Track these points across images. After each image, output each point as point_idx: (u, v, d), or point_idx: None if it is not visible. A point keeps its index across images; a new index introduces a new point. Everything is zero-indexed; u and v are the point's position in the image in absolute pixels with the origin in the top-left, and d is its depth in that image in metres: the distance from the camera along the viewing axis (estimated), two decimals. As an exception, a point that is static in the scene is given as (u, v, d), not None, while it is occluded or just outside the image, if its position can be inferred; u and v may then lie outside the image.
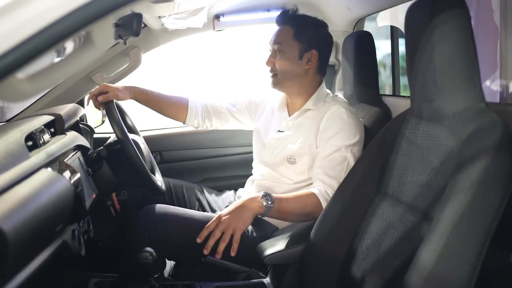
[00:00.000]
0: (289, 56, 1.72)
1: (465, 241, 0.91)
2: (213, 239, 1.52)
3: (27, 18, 0.67)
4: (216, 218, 1.55)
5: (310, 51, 1.73)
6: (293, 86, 1.78)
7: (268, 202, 1.55)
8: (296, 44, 1.72)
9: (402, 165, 1.23)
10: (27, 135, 1.20)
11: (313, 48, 1.73)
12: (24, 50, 0.66)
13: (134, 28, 1.25)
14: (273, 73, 1.76)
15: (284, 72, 1.74)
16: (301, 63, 1.73)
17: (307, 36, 1.72)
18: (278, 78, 1.76)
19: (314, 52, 1.73)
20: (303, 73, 1.75)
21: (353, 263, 1.28)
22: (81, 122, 1.90)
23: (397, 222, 1.19)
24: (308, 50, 1.73)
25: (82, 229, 1.38)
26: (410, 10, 1.15)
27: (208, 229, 1.54)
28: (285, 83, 1.77)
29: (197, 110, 1.98)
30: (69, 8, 0.68)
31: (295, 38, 1.72)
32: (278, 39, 1.74)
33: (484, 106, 1.04)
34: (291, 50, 1.72)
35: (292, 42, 1.72)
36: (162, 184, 1.84)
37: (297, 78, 1.75)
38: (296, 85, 1.77)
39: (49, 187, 1.03)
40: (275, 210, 1.57)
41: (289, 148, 1.74)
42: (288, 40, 1.73)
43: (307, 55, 1.73)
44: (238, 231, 1.53)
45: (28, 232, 0.87)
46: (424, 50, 1.09)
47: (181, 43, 2.36)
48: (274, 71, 1.76)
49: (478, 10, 1.89)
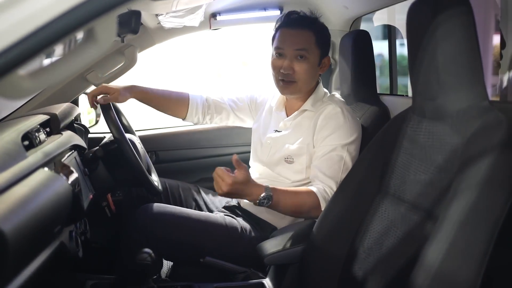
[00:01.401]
0: (312, 62, 1.69)
1: (472, 239, 0.90)
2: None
3: (28, 13, 0.65)
4: (232, 179, 1.41)
5: (326, 57, 1.74)
6: (305, 91, 1.75)
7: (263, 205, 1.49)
8: (318, 51, 1.70)
9: (404, 163, 1.22)
10: (23, 135, 1.18)
11: (327, 54, 1.74)
12: (25, 46, 0.64)
13: (133, 26, 1.23)
14: (289, 79, 1.69)
15: (305, 79, 1.69)
16: (318, 69, 1.73)
17: (325, 43, 1.73)
18: (297, 85, 1.70)
19: (327, 58, 1.75)
20: (315, 79, 1.75)
21: (354, 263, 1.28)
22: (76, 122, 1.88)
23: (400, 221, 1.18)
24: (324, 57, 1.73)
25: (79, 230, 1.37)
26: (412, 8, 1.14)
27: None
28: (302, 90, 1.73)
29: (198, 106, 1.94)
30: (72, 4, 0.67)
31: (317, 44, 1.69)
32: (302, 45, 1.67)
33: (488, 104, 1.03)
34: (314, 56, 1.69)
35: (315, 49, 1.69)
36: (158, 184, 1.82)
37: (311, 84, 1.74)
38: (307, 90, 1.76)
39: (47, 187, 1.01)
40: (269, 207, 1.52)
41: (286, 148, 1.73)
42: (311, 46, 1.68)
43: (324, 61, 1.74)
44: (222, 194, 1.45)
45: (27, 233, 0.85)
46: (426, 48, 1.08)
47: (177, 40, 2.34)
48: (292, 78, 1.68)
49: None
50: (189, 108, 1.93)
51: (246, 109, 1.99)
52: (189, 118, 1.96)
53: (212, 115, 1.97)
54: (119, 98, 1.73)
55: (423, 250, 0.97)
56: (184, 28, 2.05)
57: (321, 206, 1.55)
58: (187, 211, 1.68)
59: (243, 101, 1.99)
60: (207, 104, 1.96)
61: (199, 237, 1.61)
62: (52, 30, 0.66)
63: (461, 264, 0.89)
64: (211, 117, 1.98)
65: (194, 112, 1.94)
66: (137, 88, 1.83)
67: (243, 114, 2.00)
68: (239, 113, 1.99)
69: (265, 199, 1.47)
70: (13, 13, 0.64)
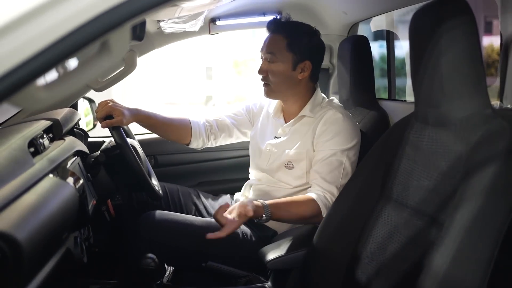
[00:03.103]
0: (282, 66, 1.69)
1: (478, 245, 0.92)
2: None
3: (48, 25, 0.65)
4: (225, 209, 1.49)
5: (303, 62, 1.69)
6: (287, 95, 1.76)
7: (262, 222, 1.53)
8: (290, 55, 1.68)
9: (406, 169, 1.24)
10: (29, 141, 1.18)
11: (306, 59, 1.70)
12: (45, 58, 0.65)
13: (138, 33, 1.24)
14: (265, 82, 1.73)
15: (277, 82, 1.70)
16: (295, 73, 1.70)
17: (301, 47, 1.68)
18: (271, 88, 1.72)
19: (307, 63, 1.70)
20: (296, 83, 1.72)
21: (358, 268, 1.29)
22: (75, 126, 1.88)
23: (403, 226, 1.20)
24: (301, 61, 1.69)
25: (83, 236, 1.37)
26: (416, 16, 1.15)
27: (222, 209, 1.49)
28: (278, 93, 1.75)
29: (200, 129, 1.92)
30: (89, 16, 0.67)
31: (288, 48, 1.68)
32: (271, 49, 1.70)
33: (491, 112, 1.05)
34: (284, 60, 1.68)
35: (286, 53, 1.68)
36: (159, 189, 1.83)
37: (290, 88, 1.73)
38: (289, 94, 1.75)
39: (55, 194, 1.02)
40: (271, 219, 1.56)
41: (286, 154, 1.73)
42: (281, 51, 1.68)
43: (300, 66, 1.69)
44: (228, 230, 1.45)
45: (39, 240, 0.86)
46: (430, 56, 1.10)
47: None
48: (267, 80, 1.72)
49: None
50: (193, 133, 1.90)
51: (246, 121, 1.97)
52: (194, 143, 1.93)
53: (216, 134, 1.94)
54: (124, 122, 1.70)
55: (429, 256, 0.98)
56: (183, 33, 2.06)
57: (322, 213, 1.56)
58: (189, 217, 1.68)
59: (241, 114, 1.97)
60: (209, 124, 1.93)
61: (201, 243, 1.61)
62: (71, 41, 0.67)
63: (467, 270, 0.91)
64: (215, 136, 1.95)
65: (198, 136, 1.91)
66: (141, 113, 1.80)
67: (244, 127, 1.98)
68: (241, 128, 1.97)
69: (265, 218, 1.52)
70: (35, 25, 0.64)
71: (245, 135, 2.00)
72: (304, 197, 1.62)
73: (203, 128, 1.93)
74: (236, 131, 1.97)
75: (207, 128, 1.93)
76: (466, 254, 0.92)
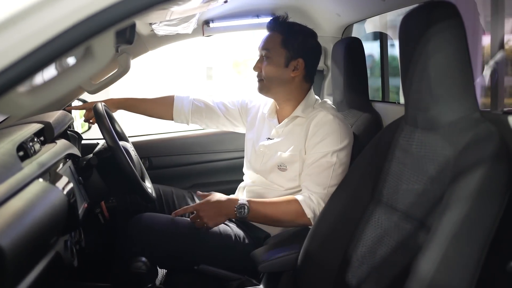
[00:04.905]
0: (275, 62, 1.72)
1: (464, 250, 0.92)
2: (184, 212, 1.61)
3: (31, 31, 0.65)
4: (196, 206, 1.59)
5: (296, 60, 1.72)
6: (279, 92, 1.77)
7: (242, 214, 1.56)
8: (283, 51, 1.72)
9: (396, 173, 1.24)
10: (18, 145, 1.17)
11: (299, 56, 1.72)
12: (26, 64, 0.65)
13: (128, 36, 1.23)
14: (259, 78, 1.77)
15: (270, 78, 1.73)
16: (287, 70, 1.72)
17: (295, 45, 1.72)
18: (264, 84, 1.76)
19: (300, 61, 1.72)
20: (288, 80, 1.74)
21: (348, 271, 1.29)
22: (69, 129, 1.87)
23: (393, 230, 1.20)
24: (294, 58, 1.72)
25: (74, 239, 1.36)
26: (405, 19, 1.15)
27: (185, 211, 1.61)
28: (270, 89, 1.77)
29: (183, 105, 1.98)
30: (73, 21, 0.67)
31: (282, 45, 1.72)
32: (266, 45, 1.75)
33: (479, 116, 1.05)
34: (277, 57, 1.72)
35: (280, 49, 1.72)
36: (152, 191, 1.82)
37: (283, 84, 1.75)
38: (281, 92, 1.76)
39: (43, 199, 1.02)
40: (250, 218, 1.59)
41: (279, 156, 1.73)
42: (275, 47, 1.72)
43: (293, 63, 1.72)
44: (208, 227, 1.58)
45: (25, 246, 0.86)
46: (419, 60, 1.10)
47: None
48: (261, 77, 1.76)
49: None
50: (174, 107, 1.98)
51: (236, 114, 2.01)
52: (176, 118, 2.01)
53: (200, 115, 2.00)
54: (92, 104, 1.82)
55: (416, 261, 0.98)
56: (177, 35, 2.06)
57: (306, 214, 1.56)
58: (181, 219, 1.68)
59: (235, 105, 2.01)
60: (195, 105, 1.99)
61: (193, 245, 1.62)
62: (52, 48, 0.67)
63: (454, 275, 0.91)
64: (200, 116, 2.00)
65: (180, 112, 1.99)
66: (119, 99, 1.94)
67: (233, 118, 2.01)
68: (229, 117, 2.01)
69: (241, 208, 1.55)
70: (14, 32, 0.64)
71: (233, 124, 2.04)
72: (287, 197, 1.64)
73: (188, 104, 1.99)
74: (223, 119, 2.02)
75: (193, 108, 1.99)
76: (453, 258, 0.92)
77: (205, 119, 2.01)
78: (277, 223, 1.64)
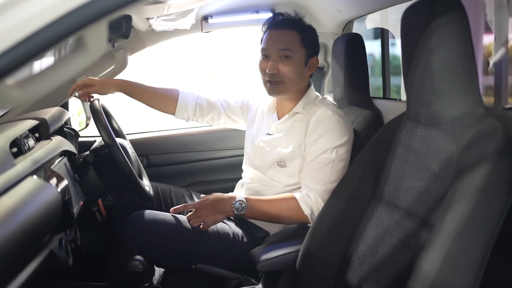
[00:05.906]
0: (297, 62, 1.67)
1: (468, 248, 0.89)
2: (184, 209, 1.61)
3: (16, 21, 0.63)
4: (196, 203, 1.60)
5: (313, 58, 1.71)
6: (294, 92, 1.74)
7: (239, 211, 1.57)
8: (304, 50, 1.68)
9: (398, 170, 1.21)
10: (12, 142, 1.15)
11: (314, 54, 1.72)
12: (14, 55, 0.63)
13: (124, 30, 1.21)
14: (275, 79, 1.68)
15: (291, 79, 1.67)
16: (305, 70, 1.70)
17: (311, 43, 1.70)
18: (284, 85, 1.68)
19: (315, 59, 1.72)
20: (304, 79, 1.72)
21: (349, 270, 1.27)
22: (65, 125, 1.85)
23: (394, 228, 1.17)
24: (311, 57, 1.70)
25: (69, 237, 1.34)
26: (407, 13, 1.13)
27: (185, 208, 1.61)
28: (289, 90, 1.71)
29: (187, 103, 1.92)
30: (62, 11, 0.65)
31: (302, 44, 1.67)
32: (286, 44, 1.67)
33: (483, 111, 1.02)
34: (299, 56, 1.67)
35: (300, 49, 1.67)
36: (150, 189, 1.80)
37: (299, 84, 1.72)
38: (295, 91, 1.74)
39: (36, 197, 0.99)
40: (247, 215, 1.60)
41: (279, 151, 1.71)
42: (296, 46, 1.67)
43: (310, 62, 1.70)
44: (206, 225, 1.58)
45: (16, 245, 0.83)
46: (421, 54, 1.07)
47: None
48: (277, 78, 1.68)
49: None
50: (178, 104, 1.92)
51: (238, 110, 1.97)
52: (178, 114, 1.95)
53: (203, 112, 1.95)
54: (100, 90, 1.75)
55: (418, 259, 0.96)
56: (175, 31, 2.03)
57: (303, 211, 1.55)
58: (179, 217, 1.66)
59: (236, 102, 1.97)
60: (199, 102, 1.94)
61: (191, 243, 1.59)
62: (41, 38, 0.64)
63: (457, 274, 0.89)
64: (202, 114, 1.95)
65: (183, 109, 1.92)
66: (122, 81, 1.84)
67: (234, 115, 1.98)
68: (230, 114, 1.98)
69: (238, 204, 1.56)
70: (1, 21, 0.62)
71: (234, 121, 2.00)
72: (285, 195, 1.63)
73: (191, 104, 1.93)
74: (225, 115, 1.98)
75: (196, 105, 1.94)
76: (456, 257, 0.89)
77: (207, 117, 1.98)
78: (274, 220, 1.63)
